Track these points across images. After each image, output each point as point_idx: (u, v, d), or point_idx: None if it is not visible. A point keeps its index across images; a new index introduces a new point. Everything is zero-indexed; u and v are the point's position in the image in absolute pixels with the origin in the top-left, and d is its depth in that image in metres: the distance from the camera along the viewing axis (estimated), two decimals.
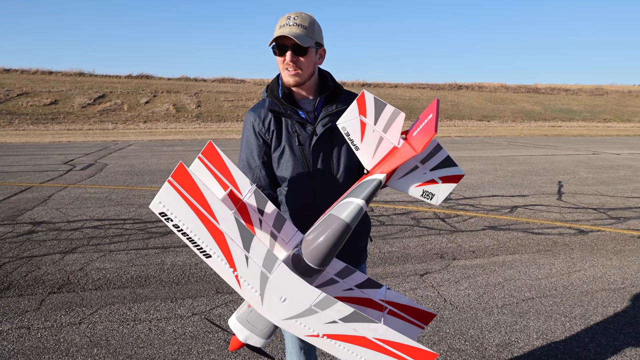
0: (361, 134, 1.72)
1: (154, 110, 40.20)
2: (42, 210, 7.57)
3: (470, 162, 14.56)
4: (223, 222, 1.48)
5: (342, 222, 1.63)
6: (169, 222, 1.49)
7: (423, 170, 1.71)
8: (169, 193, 1.48)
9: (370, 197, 1.65)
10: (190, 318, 3.83)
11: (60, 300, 4.14)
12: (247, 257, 1.49)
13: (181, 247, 5.62)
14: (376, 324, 1.49)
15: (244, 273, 1.51)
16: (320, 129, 2.03)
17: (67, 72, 47.64)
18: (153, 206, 1.49)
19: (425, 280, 4.67)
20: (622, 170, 12.60)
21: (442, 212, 7.58)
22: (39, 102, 38.42)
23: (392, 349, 1.49)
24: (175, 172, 1.47)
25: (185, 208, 1.47)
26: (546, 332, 3.63)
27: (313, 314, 1.51)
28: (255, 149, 2.08)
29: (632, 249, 5.69)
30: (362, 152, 1.74)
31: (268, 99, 2.08)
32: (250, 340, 1.75)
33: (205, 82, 50.27)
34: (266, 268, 1.51)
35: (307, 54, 1.96)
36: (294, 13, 1.96)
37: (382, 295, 1.93)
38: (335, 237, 1.63)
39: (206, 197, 1.48)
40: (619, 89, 63.71)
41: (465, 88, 57.05)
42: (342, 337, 1.51)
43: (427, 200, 1.70)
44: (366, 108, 1.70)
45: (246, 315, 1.74)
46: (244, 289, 1.53)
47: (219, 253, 1.50)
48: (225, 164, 1.77)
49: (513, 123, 43.69)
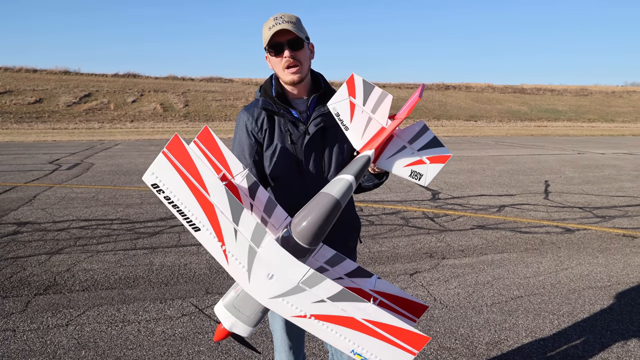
0: (350, 114, 1.77)
1: (141, 109, 39.91)
2: (27, 210, 7.48)
3: (458, 162, 14.64)
4: (214, 193, 1.48)
5: (332, 198, 1.64)
6: (161, 194, 1.49)
7: (411, 150, 1.75)
8: (163, 164, 1.47)
9: (360, 173, 1.68)
10: (180, 319, 3.80)
11: (46, 302, 4.09)
12: (236, 231, 1.48)
13: (170, 247, 5.58)
14: (365, 304, 1.46)
15: (232, 248, 1.50)
16: (313, 128, 2.04)
17: (52, 70, 47.10)
18: (146, 177, 1.49)
19: (415, 279, 4.69)
20: (607, 170, 12.75)
21: (431, 212, 7.61)
22: (23, 100, 37.94)
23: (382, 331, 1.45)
24: (170, 143, 1.47)
25: (178, 179, 1.47)
26: (535, 330, 3.66)
27: (301, 292, 1.48)
28: (247, 147, 2.09)
29: (618, 247, 5.75)
30: (351, 132, 1.78)
31: (262, 98, 2.09)
32: (236, 328, 1.71)
33: (193, 82, 50.00)
34: (254, 242, 1.49)
35: (303, 47, 1.99)
36: (279, 14, 1.99)
37: (372, 285, 1.91)
38: (326, 213, 1.63)
39: (199, 169, 1.48)
40: (602, 89, 64.56)
41: (453, 88, 57.40)
42: (330, 318, 1.48)
43: (416, 181, 1.73)
44: (355, 89, 1.75)
45: (233, 300, 1.71)
46: (231, 265, 1.51)
47: (209, 226, 1.49)
48: (220, 149, 1.78)
49: (500, 123, 44.02)
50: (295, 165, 2.06)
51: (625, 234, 6.38)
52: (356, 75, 1.74)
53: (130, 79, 48.02)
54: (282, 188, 2.11)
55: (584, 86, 65.38)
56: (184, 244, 5.68)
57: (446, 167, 13.08)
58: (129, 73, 49.18)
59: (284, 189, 2.10)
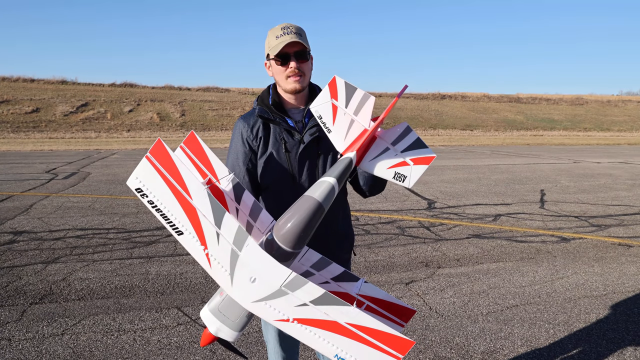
0: (333, 116, 1.77)
1: (137, 118, 39.95)
2: (23, 219, 7.46)
3: (454, 171, 14.69)
4: (196, 197, 1.48)
5: (314, 201, 1.63)
6: (144, 198, 1.50)
7: (394, 152, 1.73)
8: (146, 168, 1.49)
9: (342, 175, 1.68)
10: (176, 328, 3.80)
11: (42, 311, 4.08)
12: (218, 234, 1.49)
13: (166, 256, 5.58)
14: (348, 307, 1.44)
15: (214, 251, 1.50)
16: (308, 137, 2.06)
17: (49, 80, 47.16)
18: (130, 182, 1.50)
19: (410, 288, 4.69)
20: (603, 179, 12.81)
21: (427, 221, 7.63)
22: (20, 110, 37.95)
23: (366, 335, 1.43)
24: (153, 148, 1.49)
25: (161, 183, 1.48)
26: (530, 339, 3.66)
27: (283, 296, 1.47)
28: (241, 155, 2.11)
29: (613, 256, 5.78)
30: (334, 135, 1.77)
31: (258, 106, 2.12)
32: (222, 332, 1.70)
33: (190, 91, 50.11)
34: (236, 245, 1.50)
35: (308, 59, 2.03)
36: (284, 24, 2.02)
37: (359, 289, 1.89)
38: (308, 216, 1.62)
39: (181, 173, 1.49)
40: (598, 98, 64.93)
41: (449, 98, 57.65)
42: (313, 322, 1.46)
43: (399, 183, 1.70)
44: (337, 92, 1.75)
45: (218, 304, 1.70)
46: (214, 268, 1.51)
47: (191, 230, 1.49)
48: (206, 154, 1.79)
49: (496, 132, 44.22)
50: (288, 173, 2.08)
51: (621, 242, 6.40)
52: (338, 78, 1.74)
53: (127, 88, 48.10)
54: (274, 196, 2.12)
55: (580, 95, 65.75)
56: (180, 253, 5.67)
57: (442, 176, 13.13)
58: (126, 82, 49.28)
59: (276, 197, 2.11)
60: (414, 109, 49.98)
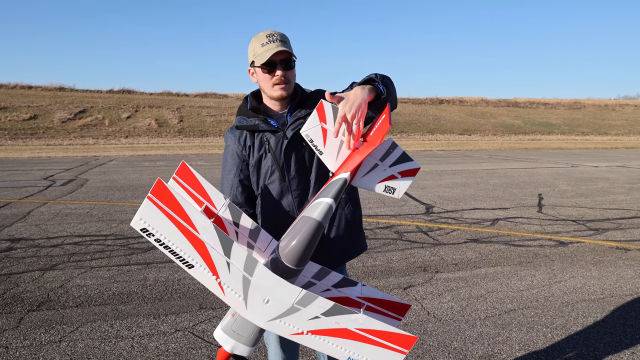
0: (323, 139, 1.86)
1: (135, 125, 39.96)
2: (21, 226, 7.46)
3: (452, 175, 14.71)
4: (203, 231, 1.54)
5: (314, 221, 1.73)
6: (151, 237, 1.55)
7: (383, 167, 1.85)
8: (149, 209, 1.53)
9: (338, 194, 1.77)
10: (174, 334, 3.79)
11: (39, 318, 4.07)
12: (229, 263, 1.56)
13: (164, 262, 5.57)
14: (356, 315, 1.56)
15: (226, 279, 1.57)
16: (290, 132, 2.09)
17: (47, 86, 47.16)
18: (134, 223, 1.55)
19: (408, 293, 4.70)
20: (600, 183, 12.84)
21: (425, 226, 7.63)
22: (18, 117, 37.95)
23: (374, 337, 1.56)
24: (154, 188, 1.54)
25: (166, 222, 1.53)
26: (528, 343, 3.67)
27: (296, 312, 1.58)
28: (233, 167, 2.17)
29: (611, 260, 5.79)
30: (325, 156, 1.88)
31: (237, 117, 2.18)
32: (237, 349, 1.79)
33: (188, 97, 50.14)
34: (247, 272, 1.57)
35: (294, 67, 2.06)
36: (268, 31, 2.04)
37: (359, 292, 2.02)
38: (309, 236, 1.72)
39: (185, 209, 1.54)
40: (595, 102, 65.13)
41: (447, 102, 57.77)
42: (326, 332, 1.58)
43: (390, 195, 1.84)
44: (325, 115, 1.83)
45: (231, 324, 1.78)
46: (227, 295, 1.59)
47: (202, 262, 1.55)
48: (199, 182, 1.87)
49: (494, 137, 44.31)
50: (277, 171, 2.11)
51: (619, 246, 6.41)
52: (325, 102, 1.82)
53: (125, 94, 48.12)
54: (268, 197, 2.15)
55: (577, 99, 65.98)
56: None
57: (440, 181, 13.15)
58: (124, 89, 49.29)
59: (270, 197, 2.15)
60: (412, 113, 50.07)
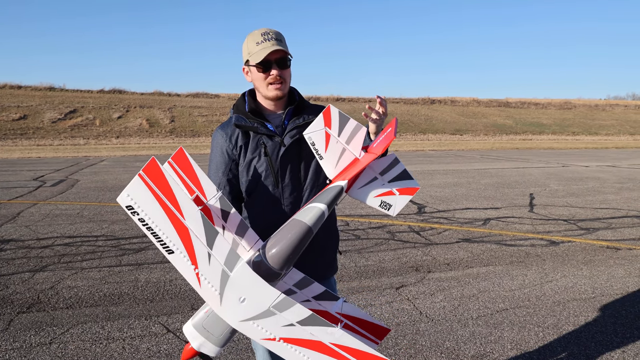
0: (326, 144, 1.84)
1: (126, 125, 39.72)
2: (10, 227, 7.39)
3: (443, 175, 14.75)
4: (189, 218, 1.50)
5: (304, 225, 1.70)
6: (135, 216, 1.50)
7: (382, 181, 1.82)
8: (138, 186, 1.49)
9: (332, 202, 1.74)
10: (165, 335, 3.77)
11: (29, 320, 4.03)
12: (210, 255, 1.51)
13: (155, 263, 5.54)
14: (333, 328, 1.51)
15: (205, 271, 1.53)
16: (288, 140, 2.05)
17: (36, 86, 46.69)
18: (120, 199, 1.50)
19: (400, 293, 4.70)
20: (591, 182, 12.92)
21: (417, 226, 7.65)
22: (7, 117, 37.59)
23: (348, 354, 1.50)
24: (147, 166, 1.49)
25: (153, 202, 1.49)
26: (520, 343, 3.68)
27: (271, 316, 1.53)
28: (222, 166, 2.10)
29: (602, 259, 5.82)
30: (325, 162, 1.85)
31: (235, 115, 2.11)
32: (204, 348, 1.73)
33: (179, 97, 49.89)
34: (228, 266, 1.52)
35: (289, 66, 2.03)
36: (263, 29, 2.00)
37: (339, 308, 1.96)
38: (298, 239, 1.69)
39: (175, 193, 1.50)
40: (586, 103, 65.51)
41: (438, 102, 57.90)
42: (299, 342, 1.52)
43: (385, 211, 1.80)
44: (331, 120, 1.82)
45: (202, 321, 1.73)
46: (203, 288, 1.54)
47: (182, 249, 1.52)
48: (194, 170, 1.81)
49: (485, 137, 44.46)
50: (271, 177, 2.07)
51: (609, 245, 6.46)
52: (332, 107, 1.81)
53: (116, 94, 47.79)
54: (259, 201, 2.11)
55: (568, 100, 66.33)
56: (169, 260, 5.63)
57: (432, 181, 13.18)
58: (115, 89, 48.93)
59: (260, 202, 2.10)
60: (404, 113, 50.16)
